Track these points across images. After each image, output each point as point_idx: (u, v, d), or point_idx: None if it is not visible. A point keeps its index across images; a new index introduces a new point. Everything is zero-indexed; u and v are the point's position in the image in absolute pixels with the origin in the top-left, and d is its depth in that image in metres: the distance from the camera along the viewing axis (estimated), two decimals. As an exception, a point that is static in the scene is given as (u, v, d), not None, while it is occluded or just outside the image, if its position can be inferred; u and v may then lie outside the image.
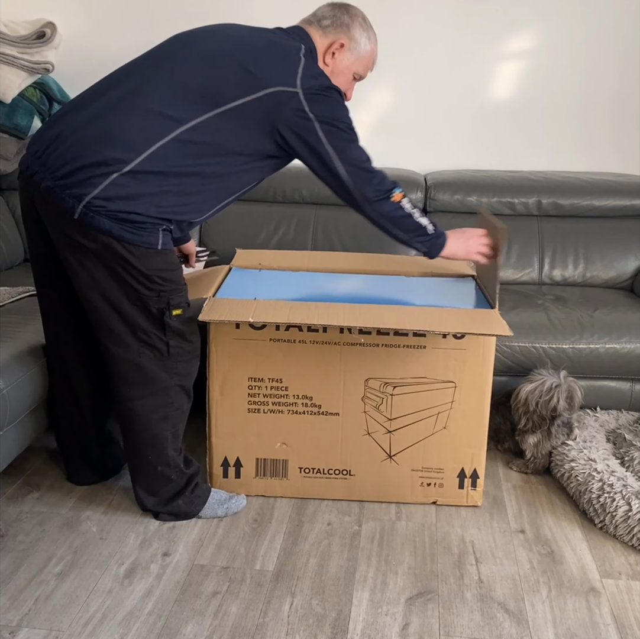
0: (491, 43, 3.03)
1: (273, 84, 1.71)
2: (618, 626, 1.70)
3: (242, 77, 1.72)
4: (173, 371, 1.87)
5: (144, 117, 1.69)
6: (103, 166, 1.65)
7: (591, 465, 2.13)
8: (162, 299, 1.78)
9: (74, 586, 1.77)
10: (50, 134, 1.73)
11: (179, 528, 2.00)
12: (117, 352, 1.82)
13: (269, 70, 1.73)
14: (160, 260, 1.75)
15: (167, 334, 1.81)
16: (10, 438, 1.90)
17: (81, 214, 1.66)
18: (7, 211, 2.96)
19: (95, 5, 3.07)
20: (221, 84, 1.72)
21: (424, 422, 2.07)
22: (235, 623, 1.67)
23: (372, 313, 1.91)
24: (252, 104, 1.72)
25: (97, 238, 1.69)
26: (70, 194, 1.66)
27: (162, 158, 1.68)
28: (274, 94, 1.72)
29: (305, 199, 2.96)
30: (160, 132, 1.68)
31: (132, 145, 1.67)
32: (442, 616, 1.71)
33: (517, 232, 2.92)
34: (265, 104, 1.72)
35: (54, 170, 1.68)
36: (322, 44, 1.86)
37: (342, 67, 1.88)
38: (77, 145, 1.68)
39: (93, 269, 1.74)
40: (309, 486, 2.14)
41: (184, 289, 1.84)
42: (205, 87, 1.72)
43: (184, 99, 1.70)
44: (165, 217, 1.73)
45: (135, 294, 1.76)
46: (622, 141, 3.11)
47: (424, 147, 3.17)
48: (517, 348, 2.40)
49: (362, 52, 1.89)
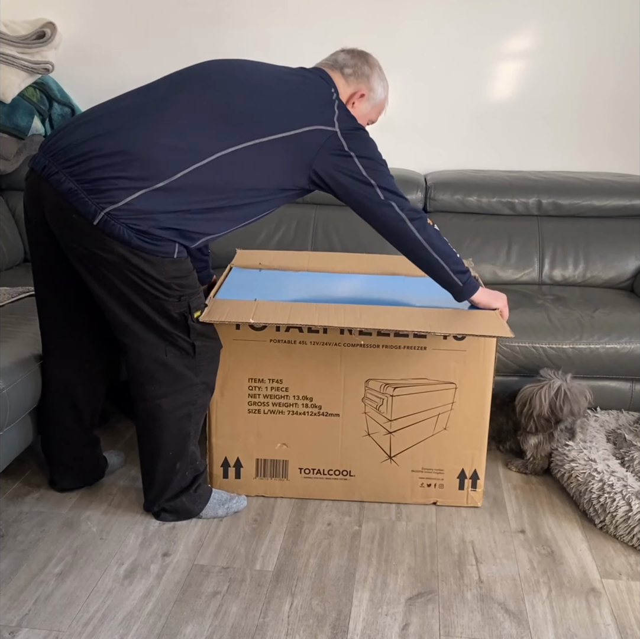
0: (491, 43, 3.03)
1: (312, 123, 1.76)
2: (618, 627, 1.70)
3: (282, 112, 1.75)
4: (198, 369, 1.88)
5: (177, 138, 1.68)
6: (132, 181, 1.64)
7: (591, 465, 2.13)
8: (182, 304, 1.79)
9: (74, 586, 1.77)
10: (75, 138, 1.68)
11: (179, 528, 2.00)
12: (142, 350, 1.82)
13: (308, 108, 1.78)
14: (176, 268, 1.76)
15: (192, 335, 1.83)
16: (10, 438, 1.90)
17: (102, 220, 1.64)
18: (7, 211, 2.96)
19: (95, 5, 3.07)
20: (262, 115, 1.74)
21: (425, 423, 2.07)
22: (235, 623, 1.67)
23: (373, 314, 1.92)
24: (290, 140, 1.74)
25: (113, 249, 1.68)
26: (94, 200, 1.64)
27: (191, 182, 1.69)
28: (312, 132, 1.76)
29: (305, 199, 2.94)
30: (191, 158, 1.68)
31: (164, 165, 1.66)
32: (442, 616, 1.71)
33: (517, 232, 2.92)
34: (303, 141, 1.75)
35: (80, 174, 1.65)
36: (345, 92, 1.90)
37: (360, 115, 1.92)
38: (106, 155, 1.65)
39: (111, 279, 1.73)
40: (309, 486, 2.14)
41: (200, 291, 1.86)
42: (245, 116, 1.73)
43: (219, 124, 1.71)
44: (176, 238, 1.73)
45: (156, 301, 1.76)
46: (622, 141, 3.11)
47: (424, 147, 3.18)
48: (518, 348, 2.40)
49: (378, 100, 1.97)
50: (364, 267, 2.40)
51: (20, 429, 1.95)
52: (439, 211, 2.97)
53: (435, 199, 2.95)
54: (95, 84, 3.05)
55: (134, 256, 1.69)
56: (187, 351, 1.85)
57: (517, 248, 2.91)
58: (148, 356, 1.83)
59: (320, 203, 2.97)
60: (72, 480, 2.13)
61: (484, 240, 2.91)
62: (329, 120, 1.77)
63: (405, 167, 3.13)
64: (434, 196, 2.95)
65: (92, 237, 1.68)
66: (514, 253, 2.90)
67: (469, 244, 2.90)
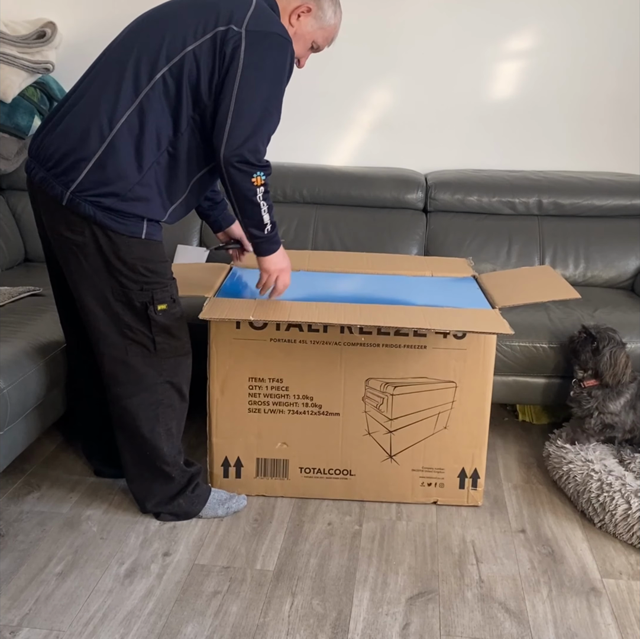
0: (491, 43, 3.03)
1: (225, 23, 1.69)
2: (619, 626, 1.70)
3: (198, 20, 1.70)
4: (161, 368, 1.88)
5: (103, 104, 1.69)
6: (82, 153, 1.68)
7: (589, 466, 2.13)
8: (145, 293, 1.79)
9: (75, 585, 1.77)
10: (42, 133, 1.78)
11: (180, 527, 2.00)
12: (106, 352, 1.85)
13: (224, 8, 1.71)
14: (144, 249, 1.77)
15: (153, 329, 1.83)
16: (10, 438, 1.90)
17: (68, 200, 1.70)
18: (7, 211, 2.96)
19: (95, 5, 3.07)
20: (167, 42, 1.70)
21: (425, 422, 2.07)
22: (235, 622, 1.67)
23: (373, 313, 1.91)
24: (207, 44, 1.68)
25: (83, 231, 1.72)
26: (59, 182, 1.70)
27: (124, 135, 1.68)
28: (224, 32, 1.69)
29: (305, 198, 2.96)
30: (121, 109, 1.68)
31: (95, 131, 1.68)
32: (442, 616, 1.71)
33: (518, 231, 2.92)
34: (216, 41, 1.69)
35: (45, 161, 1.73)
36: (289, 3, 1.84)
37: (304, 32, 1.86)
38: (60, 136, 1.72)
39: (81, 264, 1.76)
40: (309, 486, 2.14)
41: (169, 283, 1.84)
42: (150, 50, 1.70)
43: (140, 66, 1.69)
44: (142, 213, 1.73)
45: (120, 289, 1.78)
46: (622, 141, 3.10)
47: (425, 147, 3.17)
48: (518, 348, 2.40)
49: (326, 23, 1.89)
50: (364, 267, 2.40)
51: (21, 429, 1.95)
52: (440, 211, 2.97)
53: (435, 198, 2.95)
54: (95, 83, 3.05)
55: (102, 236, 1.72)
56: (148, 347, 1.84)
57: (517, 248, 2.90)
58: (111, 356, 1.85)
59: (320, 203, 2.97)
60: (116, 464, 2.11)
61: (484, 239, 2.91)
62: (240, 22, 1.69)
63: (405, 166, 3.13)
64: (434, 195, 2.95)
65: (64, 220, 1.73)
66: (514, 253, 2.90)
67: (470, 243, 2.90)
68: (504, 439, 2.56)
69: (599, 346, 2.20)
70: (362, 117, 3.15)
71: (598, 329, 2.24)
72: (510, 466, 2.38)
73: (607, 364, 2.18)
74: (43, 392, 2.01)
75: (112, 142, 1.68)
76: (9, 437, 1.89)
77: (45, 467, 2.27)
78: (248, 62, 1.68)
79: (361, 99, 3.13)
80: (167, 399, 1.91)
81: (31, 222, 3.00)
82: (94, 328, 1.83)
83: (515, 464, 2.39)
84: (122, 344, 1.83)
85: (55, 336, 2.10)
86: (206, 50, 1.68)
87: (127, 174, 1.70)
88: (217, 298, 1.99)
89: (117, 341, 1.83)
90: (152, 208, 1.75)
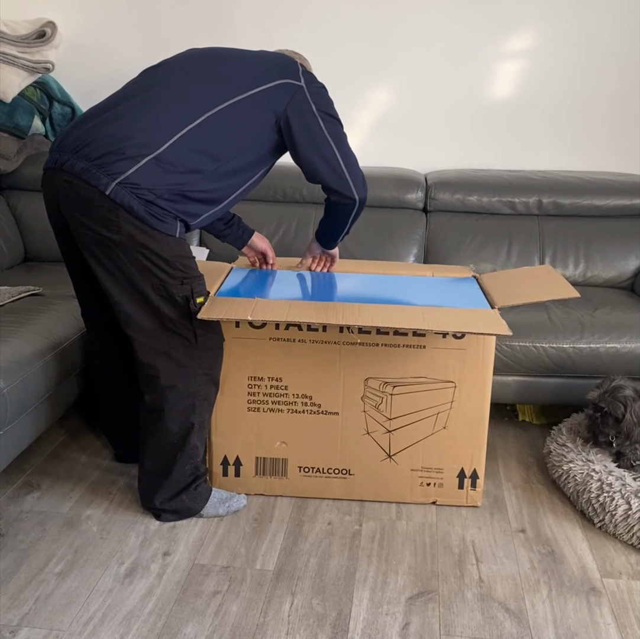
0: (491, 43, 3.03)
1: (282, 77, 1.89)
2: (619, 626, 1.70)
3: (255, 71, 1.89)
4: (200, 360, 1.91)
5: (165, 113, 1.79)
6: (136, 150, 1.73)
7: (589, 466, 2.13)
8: (185, 287, 1.84)
9: (75, 585, 1.77)
10: (78, 132, 1.79)
11: (180, 527, 2.00)
12: (146, 342, 1.87)
13: (277, 66, 1.93)
14: (180, 247, 1.82)
15: (194, 322, 1.86)
16: (10, 438, 1.90)
17: (113, 190, 1.71)
18: (8, 211, 2.96)
19: (95, 5, 3.07)
20: (238, 74, 1.87)
21: (424, 422, 2.07)
22: (235, 622, 1.67)
23: (372, 312, 1.91)
24: (264, 93, 1.86)
25: (120, 228, 1.73)
26: (106, 172, 1.72)
27: (182, 148, 1.77)
28: (283, 85, 1.89)
29: (305, 198, 2.96)
30: (178, 125, 1.78)
31: (157, 135, 1.76)
32: (442, 616, 1.71)
33: (518, 231, 2.92)
34: (276, 93, 1.88)
35: (88, 153, 1.74)
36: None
37: None
38: (110, 134, 1.75)
39: (118, 262, 1.78)
40: (308, 485, 2.14)
41: (203, 278, 1.90)
42: (222, 78, 1.86)
43: (201, 89, 1.84)
44: (178, 213, 1.80)
45: (160, 284, 1.81)
46: (622, 141, 3.10)
47: (425, 147, 3.17)
48: (518, 348, 2.40)
49: None
50: (364, 267, 2.40)
51: (21, 429, 1.95)
52: (440, 211, 2.97)
53: (435, 198, 2.95)
54: (95, 83, 3.05)
55: (140, 234, 1.75)
56: (189, 339, 1.88)
57: (517, 247, 2.91)
58: (152, 348, 1.87)
59: (320, 203, 2.94)
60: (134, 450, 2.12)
61: (484, 239, 2.91)
62: (296, 75, 1.92)
63: (405, 166, 3.13)
64: (434, 195, 2.95)
65: (100, 213, 1.74)
66: (514, 252, 2.90)
67: (470, 243, 2.90)
68: (503, 439, 2.56)
69: (617, 415, 2.13)
70: (362, 117, 3.15)
71: (606, 399, 2.15)
72: (510, 466, 2.38)
73: (632, 425, 2.13)
74: (43, 392, 2.01)
75: (176, 142, 1.75)
76: (9, 437, 1.89)
77: (45, 467, 2.27)
78: None
79: (361, 98, 3.13)
80: (205, 392, 1.95)
81: (31, 222, 3.02)
82: (133, 323, 1.85)
83: (515, 464, 2.40)
84: (164, 336, 1.86)
85: (56, 336, 2.10)
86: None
87: (184, 173, 1.77)
88: (216, 297, 1.99)
89: (159, 333, 1.86)
90: (189, 210, 1.82)
